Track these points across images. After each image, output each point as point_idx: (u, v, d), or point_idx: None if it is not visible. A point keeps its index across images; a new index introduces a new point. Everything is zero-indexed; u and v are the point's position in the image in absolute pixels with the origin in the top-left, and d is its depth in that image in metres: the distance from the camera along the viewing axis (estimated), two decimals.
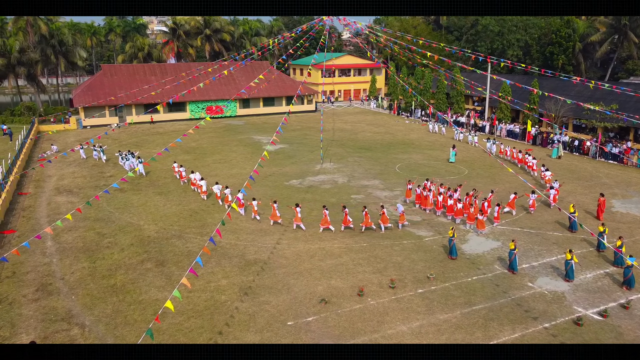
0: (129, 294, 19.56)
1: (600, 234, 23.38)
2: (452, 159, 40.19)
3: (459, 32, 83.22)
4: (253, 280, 20.67)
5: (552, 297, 19.27)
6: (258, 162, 25.03)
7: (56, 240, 25.04)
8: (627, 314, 18.14)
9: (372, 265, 21.96)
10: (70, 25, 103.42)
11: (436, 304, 18.76)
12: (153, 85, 56.96)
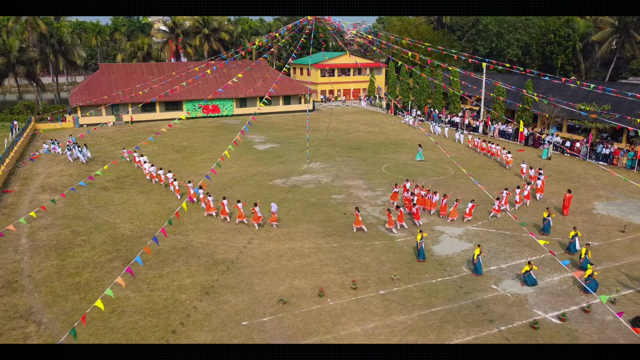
0: (91, 292, 19.71)
1: (572, 237, 23.12)
2: (419, 158, 40.59)
3: (460, 32, 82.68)
4: (217, 280, 20.72)
5: (514, 300, 19.07)
6: (216, 162, 24.96)
7: (31, 237, 25.31)
8: (587, 317, 17.89)
9: (339, 266, 21.89)
10: (76, 25, 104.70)
11: (395, 306, 18.66)
12: (145, 84, 57.21)
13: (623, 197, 31.36)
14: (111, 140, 50.14)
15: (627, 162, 37.82)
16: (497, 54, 75.22)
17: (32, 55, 62.24)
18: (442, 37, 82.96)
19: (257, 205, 26.23)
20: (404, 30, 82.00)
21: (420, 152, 40.82)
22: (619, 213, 28.57)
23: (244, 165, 39.85)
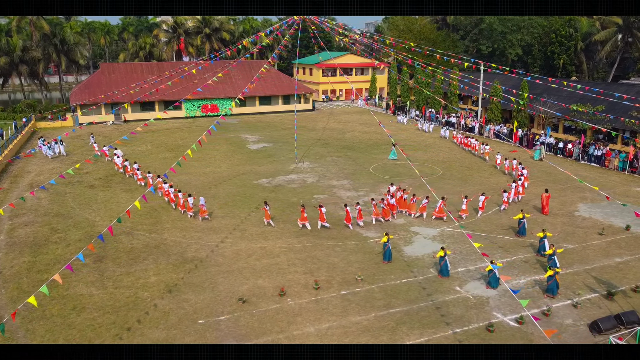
0: (56, 289, 19.96)
1: (541, 239, 22.86)
2: (392, 156, 40.95)
3: (464, 31, 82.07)
4: (182, 278, 20.87)
5: (475, 303, 18.93)
6: (177, 162, 25.10)
7: (9, 234, 25.73)
8: (546, 321, 17.69)
9: (306, 266, 21.92)
10: (84, 25, 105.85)
11: (354, 306, 18.63)
12: (139, 83, 57.66)
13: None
14: (107, 138, 50.64)
15: (619, 164, 37.23)
16: (500, 53, 74.51)
17: (35, 55, 63.16)
18: (445, 37, 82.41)
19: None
20: (406, 29, 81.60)
21: (394, 150, 41.22)
22: (601, 215, 28.17)
23: (233, 164, 40.04)
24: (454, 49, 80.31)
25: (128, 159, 37.64)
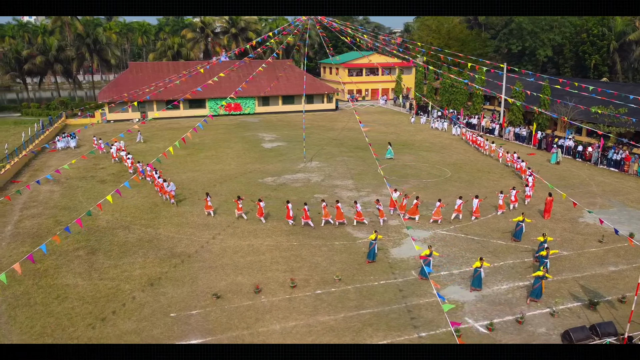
0: (45, 278, 20.87)
1: (541, 243, 22.20)
2: (388, 155, 40.97)
3: (494, 30, 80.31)
4: (166, 272, 21.40)
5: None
6: (157, 157, 25.63)
7: (16, 225, 27.01)
8: (518, 328, 17.22)
9: (288, 264, 22.07)
10: (123, 25, 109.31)
11: (325, 306, 18.66)
12: (159, 83, 59.09)
13: (619, 206, 29.69)
14: (129, 135, 52.18)
15: (638, 169, 35.65)
16: (530, 53, 72.44)
17: (69, 54, 65.76)
18: (475, 36, 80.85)
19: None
20: (435, 29, 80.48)
21: (390, 149, 41.42)
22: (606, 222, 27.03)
23: (243, 162, 40.58)
24: (483, 49, 78.76)
25: (125, 150, 40.46)
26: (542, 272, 18.64)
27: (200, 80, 59.23)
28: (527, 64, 72.76)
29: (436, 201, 27.42)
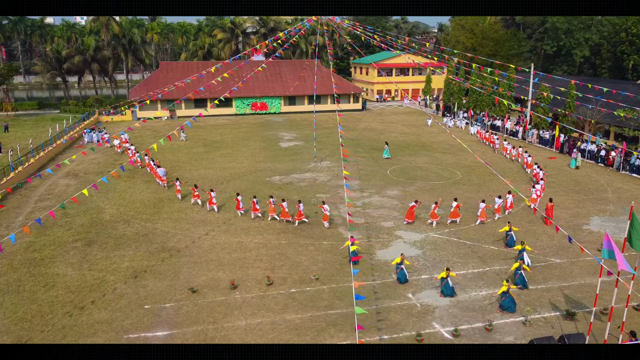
0: (39, 267, 21.95)
1: (520, 251, 21.57)
2: (386, 155, 41.28)
3: (530, 30, 77.91)
4: (152, 266, 22.08)
5: (419, 311, 18.35)
6: (138, 154, 26.17)
7: (28, 216, 28.50)
8: (484, 336, 16.80)
9: (271, 262, 22.32)
10: (164, 26, 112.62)
11: (295, 305, 18.79)
12: (181, 82, 60.47)
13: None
14: (155, 133, 53.91)
15: None
16: (566, 53, 69.80)
17: (106, 54, 68.47)
18: (511, 36, 78.64)
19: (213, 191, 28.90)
20: (469, 29, 78.84)
21: (387, 149, 41.78)
22: (612, 231, 25.89)
23: (256, 161, 41.16)
24: (519, 48, 76.63)
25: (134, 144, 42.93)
26: (507, 287, 18.08)
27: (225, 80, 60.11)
28: (563, 65, 70.18)
29: (452, 202, 26.92)
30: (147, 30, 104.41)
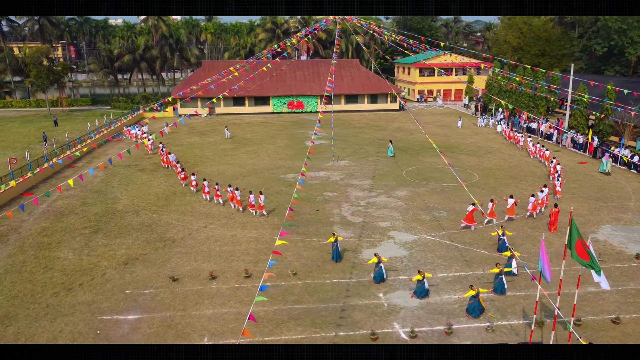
0: (45, 250, 23.68)
1: (509, 257, 21.00)
2: (390, 154, 41.69)
3: (582, 28, 74.27)
4: (145, 254, 23.27)
5: (384, 311, 18.34)
6: (127, 149, 27.42)
7: (51, 204, 30.62)
8: (441, 339, 16.59)
9: (257, 256, 22.94)
10: (217, 26, 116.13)
11: (266, 297, 19.27)
12: (213, 79, 62.09)
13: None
14: (192, 129, 56.03)
15: None
16: (618, 53, 65.98)
17: (154, 53, 71.79)
18: (562, 35, 75.26)
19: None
20: (516, 27, 76.15)
21: (391, 148, 42.22)
22: (619, 240, 24.60)
23: (277, 158, 41.96)
24: (570, 48, 73.35)
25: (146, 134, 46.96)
26: (474, 292, 17.70)
27: (273, 78, 61.69)
28: (615, 65, 66.40)
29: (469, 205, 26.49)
30: (201, 31, 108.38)
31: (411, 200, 30.72)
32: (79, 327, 17.41)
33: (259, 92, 66.76)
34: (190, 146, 47.04)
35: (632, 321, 17.55)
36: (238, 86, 44.81)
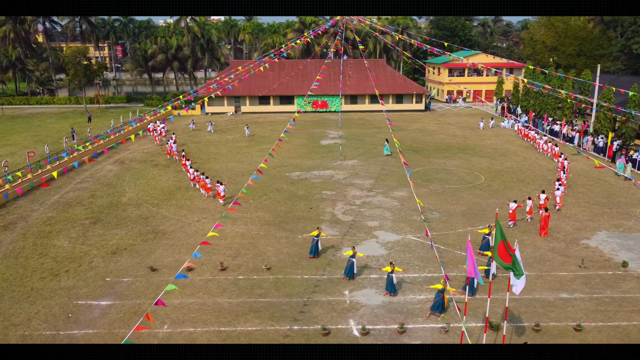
0: (45, 239, 25.15)
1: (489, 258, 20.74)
2: (386, 152, 42.43)
3: (622, 28, 71.21)
4: (133, 245, 24.34)
5: (345, 308, 18.56)
6: (114, 144, 28.24)
7: (63, 195, 32.37)
8: (392, 338, 16.67)
9: (238, 250, 23.58)
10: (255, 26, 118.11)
11: (234, 290, 19.89)
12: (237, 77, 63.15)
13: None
14: (215, 128, 57.46)
15: None
16: None
17: (186, 53, 74.01)
18: (599, 35, 72.41)
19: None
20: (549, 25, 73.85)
21: (387, 146, 42.72)
22: (612, 247, 23.76)
23: (288, 156, 42.54)
24: (608, 48, 70.55)
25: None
26: (442, 286, 17.65)
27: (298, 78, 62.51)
28: None
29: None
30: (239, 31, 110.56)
31: (408, 200, 30.61)
32: (54, 310, 18.54)
33: (284, 91, 67.69)
34: (207, 143, 48.36)
35: (595, 329, 17.04)
36: (232, 86, 46.43)
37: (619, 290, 19.65)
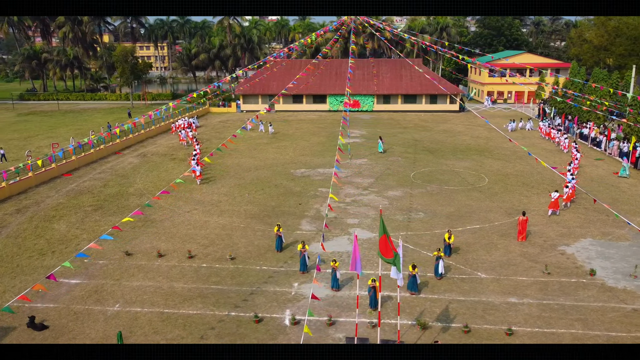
0: (47, 222, 27.49)
1: (438, 257, 20.75)
2: (380, 149, 43.21)
3: None
4: (121, 232, 26.06)
5: (287, 298, 19.23)
6: (102, 139, 29.75)
7: (79, 184, 34.99)
8: (320, 329, 17.17)
9: (213, 241, 24.73)
10: (306, 25, 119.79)
11: (192, 276, 21.03)
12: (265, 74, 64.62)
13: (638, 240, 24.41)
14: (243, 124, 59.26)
15: None
16: None
17: (227, 52, 76.68)
18: None
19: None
20: (599, 24, 70.18)
21: (380, 144, 43.56)
22: (588, 255, 22.87)
23: (301, 154, 43.46)
24: None
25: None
26: (373, 283, 17.95)
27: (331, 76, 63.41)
28: None
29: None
30: (290, 31, 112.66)
31: (399, 200, 30.69)
32: (28, 285, 20.45)
33: (317, 90, 68.68)
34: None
35: (526, 334, 16.71)
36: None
37: (573, 298, 19.04)
